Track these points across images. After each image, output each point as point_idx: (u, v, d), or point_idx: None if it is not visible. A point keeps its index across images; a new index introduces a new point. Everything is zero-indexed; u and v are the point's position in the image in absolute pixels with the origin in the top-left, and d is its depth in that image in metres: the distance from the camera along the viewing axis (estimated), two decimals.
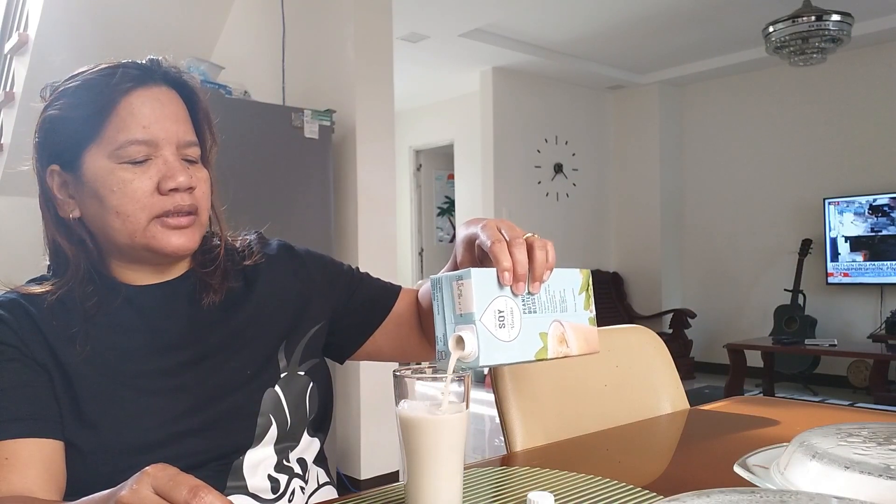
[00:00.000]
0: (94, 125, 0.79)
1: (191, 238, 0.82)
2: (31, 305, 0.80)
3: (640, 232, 6.41)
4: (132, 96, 0.79)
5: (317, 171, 3.01)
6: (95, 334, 0.80)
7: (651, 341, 1.32)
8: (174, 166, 0.80)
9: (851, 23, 3.84)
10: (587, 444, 1.00)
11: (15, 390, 0.74)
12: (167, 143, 0.80)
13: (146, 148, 0.79)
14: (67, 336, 0.79)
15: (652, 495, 0.73)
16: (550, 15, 4.74)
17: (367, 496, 0.75)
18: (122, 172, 0.78)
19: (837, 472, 0.65)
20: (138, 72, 0.82)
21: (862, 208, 5.12)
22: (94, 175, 0.79)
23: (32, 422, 0.74)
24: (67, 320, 0.80)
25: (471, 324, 0.63)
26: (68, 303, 0.81)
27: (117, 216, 0.79)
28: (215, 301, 0.86)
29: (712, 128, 6.19)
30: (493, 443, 4.13)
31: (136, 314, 0.83)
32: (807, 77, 5.45)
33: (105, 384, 0.78)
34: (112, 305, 0.83)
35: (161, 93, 0.82)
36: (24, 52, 3.71)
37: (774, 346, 4.82)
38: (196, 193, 0.82)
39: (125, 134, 0.78)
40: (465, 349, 0.63)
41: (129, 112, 0.79)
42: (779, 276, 5.65)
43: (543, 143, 6.06)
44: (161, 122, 0.80)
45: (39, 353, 0.77)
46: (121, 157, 0.78)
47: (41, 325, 0.79)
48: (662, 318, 6.07)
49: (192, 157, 0.84)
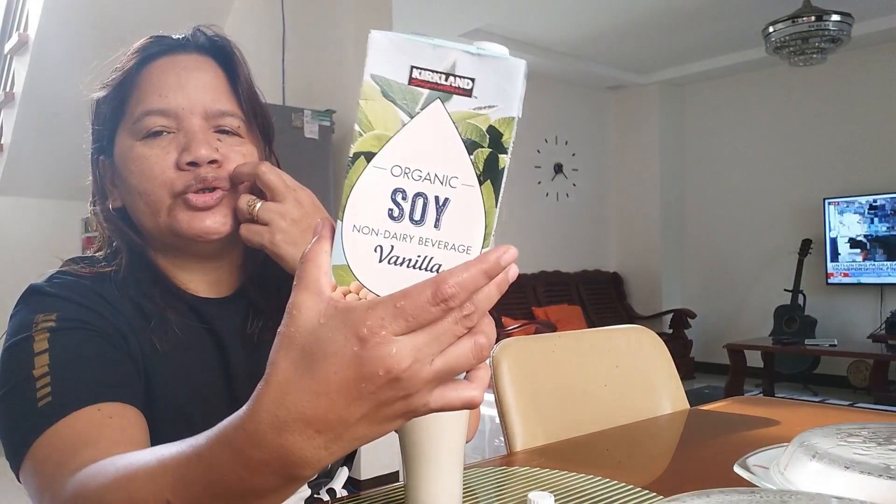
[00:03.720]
0: (120, 102, 0.74)
1: (219, 219, 0.72)
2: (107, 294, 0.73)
3: (640, 232, 6.41)
4: (154, 66, 0.74)
5: (317, 171, 3.01)
6: (168, 333, 0.74)
7: (651, 341, 1.31)
8: (196, 137, 0.71)
9: (851, 23, 3.85)
10: (587, 444, 1.00)
11: (109, 360, 0.68)
12: (190, 113, 0.72)
13: (164, 118, 0.72)
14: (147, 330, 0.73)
15: (652, 495, 0.73)
16: (550, 15, 4.74)
17: (366, 496, 0.75)
18: (140, 148, 0.72)
19: (837, 472, 0.65)
20: (171, 42, 0.76)
21: (862, 208, 5.11)
22: (120, 156, 0.74)
23: (130, 391, 0.67)
24: (142, 315, 0.74)
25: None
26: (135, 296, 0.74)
27: (140, 197, 0.72)
28: (258, 326, 0.78)
29: (712, 128, 6.19)
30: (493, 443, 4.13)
31: (204, 321, 0.77)
32: (807, 77, 5.45)
33: (177, 393, 0.73)
34: (179, 308, 0.76)
35: (190, 60, 0.75)
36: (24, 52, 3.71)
37: (774, 347, 4.82)
38: (226, 167, 0.73)
39: (142, 106, 0.72)
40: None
41: (148, 82, 0.73)
42: (779, 276, 5.64)
43: (543, 143, 6.06)
44: (183, 90, 0.72)
45: (132, 344, 0.72)
46: (139, 132, 0.72)
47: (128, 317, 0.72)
48: (662, 318, 6.07)
49: (228, 128, 0.74)
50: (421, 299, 0.36)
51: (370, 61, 0.40)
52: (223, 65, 0.77)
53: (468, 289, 0.36)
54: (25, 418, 0.62)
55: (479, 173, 0.39)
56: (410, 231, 0.39)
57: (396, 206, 0.39)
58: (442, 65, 0.39)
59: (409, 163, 0.39)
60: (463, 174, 0.39)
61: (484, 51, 0.39)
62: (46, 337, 0.66)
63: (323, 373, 0.37)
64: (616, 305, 6.26)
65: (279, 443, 0.38)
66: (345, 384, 0.37)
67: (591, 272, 6.33)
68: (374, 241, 0.40)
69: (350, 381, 0.37)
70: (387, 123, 0.39)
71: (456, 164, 0.39)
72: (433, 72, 0.39)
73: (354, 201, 0.40)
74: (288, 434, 0.38)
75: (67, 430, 0.60)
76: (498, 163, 0.39)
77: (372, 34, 0.39)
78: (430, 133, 0.39)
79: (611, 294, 6.32)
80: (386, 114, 0.39)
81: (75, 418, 0.61)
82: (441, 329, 0.37)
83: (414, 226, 0.39)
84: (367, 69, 0.40)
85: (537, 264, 5.96)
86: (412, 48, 0.39)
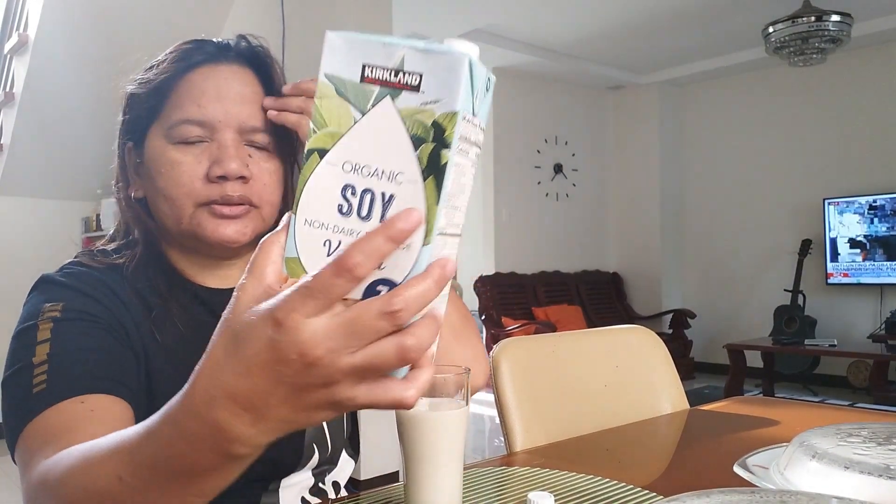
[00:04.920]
0: (158, 103, 0.75)
1: (241, 230, 0.75)
2: (112, 282, 0.75)
3: (639, 232, 6.41)
4: (195, 73, 0.75)
5: None
6: (172, 325, 0.75)
7: (651, 341, 1.31)
8: (228, 151, 0.73)
9: (851, 23, 3.85)
10: (587, 444, 1.00)
11: (104, 353, 0.70)
12: (225, 126, 0.74)
13: (199, 129, 0.73)
14: (149, 321, 0.75)
15: (652, 495, 0.73)
16: (550, 15, 4.74)
17: (366, 496, 0.75)
18: (172, 153, 0.74)
19: (837, 472, 0.65)
20: (212, 49, 0.77)
21: (862, 208, 5.11)
22: (151, 154, 0.76)
23: (120, 385, 0.68)
24: (145, 305, 0.75)
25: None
26: (141, 288, 0.76)
27: (165, 200, 0.74)
28: None
29: (712, 128, 6.19)
30: (493, 443, 4.13)
31: (209, 312, 0.79)
32: (806, 77, 5.45)
33: (181, 380, 0.74)
34: (185, 299, 0.78)
35: (231, 71, 0.76)
36: (24, 52, 3.71)
37: (774, 347, 4.82)
38: (253, 185, 0.75)
39: (179, 112, 0.74)
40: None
41: (187, 89, 0.74)
42: (779, 276, 5.64)
43: (543, 143, 6.06)
44: (221, 102, 0.74)
45: (134, 335, 0.73)
46: (174, 137, 0.74)
47: (130, 308, 0.74)
48: (662, 318, 6.07)
49: (259, 144, 0.76)
50: (325, 273, 0.37)
51: (325, 61, 0.40)
52: (260, 76, 0.78)
53: (373, 257, 0.37)
54: (22, 403, 0.65)
55: (423, 169, 0.39)
56: (357, 226, 0.40)
57: (346, 202, 0.40)
58: (391, 61, 0.39)
59: (359, 159, 0.40)
60: (409, 170, 0.39)
61: (432, 45, 0.39)
62: (50, 327, 0.69)
63: (245, 354, 0.38)
64: (616, 305, 6.26)
65: (212, 416, 0.40)
66: (264, 366, 0.38)
67: (591, 272, 6.33)
68: (324, 236, 0.40)
69: (268, 363, 0.38)
70: (340, 121, 0.40)
71: (402, 160, 0.39)
72: (383, 69, 0.39)
73: (307, 196, 0.40)
74: (218, 409, 0.40)
75: (52, 419, 0.62)
76: (440, 158, 0.38)
77: (327, 34, 0.40)
78: (379, 130, 0.39)
79: (611, 294, 6.32)
80: (339, 111, 0.40)
81: (59, 409, 0.63)
82: (362, 322, 0.37)
83: (361, 221, 0.40)
84: (322, 68, 0.40)
85: (537, 264, 5.96)
86: (364, 47, 0.40)
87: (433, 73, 0.38)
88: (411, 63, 0.39)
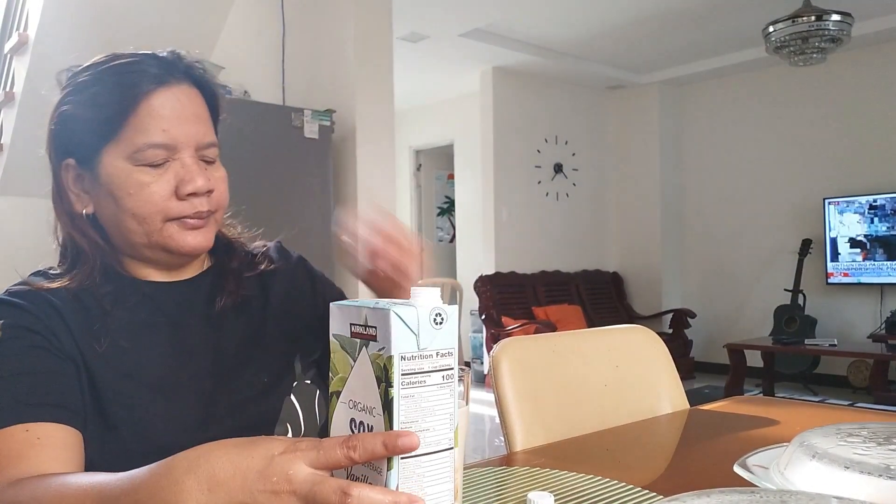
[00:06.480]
0: (113, 125, 0.76)
1: (206, 236, 0.81)
2: (54, 297, 0.77)
3: (640, 232, 6.41)
4: (153, 97, 0.77)
5: (317, 171, 3.01)
6: (116, 331, 0.78)
7: (651, 341, 1.32)
8: (192, 169, 0.78)
9: (851, 23, 3.84)
10: (587, 444, 1.00)
11: (44, 375, 0.71)
12: (185, 146, 0.78)
13: (165, 151, 0.77)
14: (90, 333, 0.76)
15: (652, 495, 0.73)
16: (550, 15, 4.74)
17: None
18: (139, 175, 0.76)
19: (837, 472, 0.65)
20: (158, 70, 0.78)
21: (862, 208, 5.11)
22: (111, 176, 0.77)
23: (62, 410, 0.70)
24: (88, 317, 0.77)
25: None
26: (85, 299, 0.78)
27: (133, 218, 0.77)
28: (229, 304, 0.85)
29: (712, 128, 6.19)
30: (493, 443, 4.13)
31: (156, 310, 0.82)
32: (807, 77, 5.45)
33: (127, 385, 0.76)
34: (131, 301, 0.81)
35: (182, 92, 0.79)
36: (24, 52, 3.70)
37: (774, 346, 4.82)
38: (214, 195, 0.81)
39: (144, 137, 0.76)
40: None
41: (148, 114, 0.76)
42: (779, 276, 5.64)
43: (543, 143, 6.06)
44: (181, 125, 0.78)
45: (68, 345, 0.75)
46: (139, 160, 0.76)
47: (66, 319, 0.76)
48: (662, 318, 6.07)
49: (210, 158, 0.82)
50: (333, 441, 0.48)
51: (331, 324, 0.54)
52: (206, 95, 0.83)
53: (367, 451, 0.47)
54: None
55: (383, 404, 0.49)
56: None
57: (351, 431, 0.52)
58: (360, 319, 0.51)
59: (355, 397, 0.52)
60: (377, 405, 0.50)
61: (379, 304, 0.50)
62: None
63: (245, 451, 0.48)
64: (616, 305, 6.26)
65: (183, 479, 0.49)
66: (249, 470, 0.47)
67: (591, 272, 6.33)
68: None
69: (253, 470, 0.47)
70: (344, 368, 0.53)
71: (373, 396, 0.50)
72: (360, 325, 0.51)
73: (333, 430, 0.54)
74: (191, 477, 0.48)
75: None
76: (388, 394, 0.48)
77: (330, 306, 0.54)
78: (361, 373, 0.51)
79: (611, 294, 6.32)
80: (343, 361, 0.53)
81: (6, 435, 0.66)
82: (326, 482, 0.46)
83: None
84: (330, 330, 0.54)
85: (537, 264, 5.96)
86: (348, 311, 0.52)
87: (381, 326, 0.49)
88: (371, 319, 0.50)
